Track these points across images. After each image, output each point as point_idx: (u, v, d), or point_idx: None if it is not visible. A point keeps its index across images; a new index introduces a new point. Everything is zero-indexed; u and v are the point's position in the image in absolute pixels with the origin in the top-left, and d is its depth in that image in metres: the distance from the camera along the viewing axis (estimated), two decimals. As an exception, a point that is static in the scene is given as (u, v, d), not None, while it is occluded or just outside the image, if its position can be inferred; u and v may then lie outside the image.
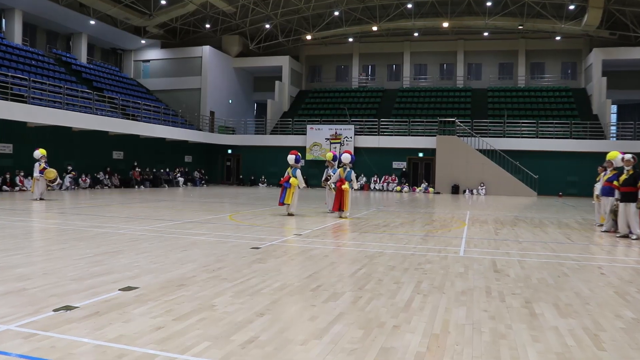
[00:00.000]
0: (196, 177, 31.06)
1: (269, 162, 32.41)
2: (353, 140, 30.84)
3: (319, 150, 31.28)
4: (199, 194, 23.35)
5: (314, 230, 10.17)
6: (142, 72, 36.41)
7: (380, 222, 12.23)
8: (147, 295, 4.90)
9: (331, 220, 12.21)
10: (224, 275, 5.83)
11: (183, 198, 20.29)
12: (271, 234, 9.50)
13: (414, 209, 16.99)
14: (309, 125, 31.96)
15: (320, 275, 6.03)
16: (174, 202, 17.39)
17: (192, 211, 13.89)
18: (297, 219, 12.28)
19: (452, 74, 38.07)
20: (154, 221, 10.98)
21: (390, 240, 9.03)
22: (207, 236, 8.89)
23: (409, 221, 12.73)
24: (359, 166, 30.54)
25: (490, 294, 5.38)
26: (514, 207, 19.12)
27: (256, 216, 12.80)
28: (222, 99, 36.67)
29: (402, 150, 30.48)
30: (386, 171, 30.64)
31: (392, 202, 21.05)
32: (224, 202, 18.87)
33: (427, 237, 9.71)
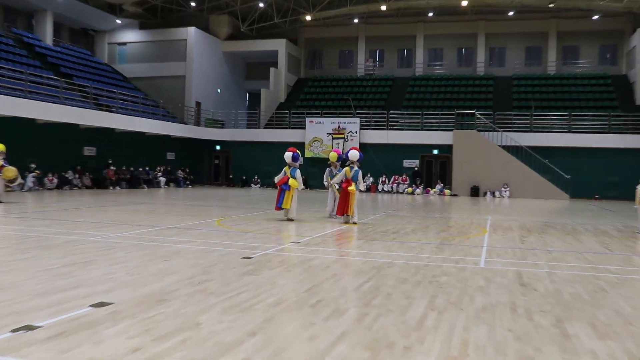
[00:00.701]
0: (180, 177, 31.10)
1: (262, 160, 32.43)
2: (358, 135, 30.86)
3: (320, 147, 31.31)
4: (183, 196, 23.33)
5: (314, 238, 10.15)
6: (118, 57, 36.46)
7: (390, 228, 12.22)
8: (123, 312, 4.88)
9: (334, 226, 12.20)
10: (211, 289, 5.80)
11: (165, 200, 20.25)
12: (265, 242, 9.48)
13: (428, 214, 16.98)
14: (309, 119, 31.99)
15: (321, 288, 6.01)
16: (155, 205, 17.37)
17: (175, 215, 13.87)
18: (295, 225, 12.25)
19: (472, 59, 38.09)
20: (131, 227, 10.97)
21: (401, 249, 9.01)
22: (192, 244, 8.87)
23: (422, 227, 12.72)
24: (365, 165, 30.52)
25: (516, 311, 5.35)
26: (542, 212, 19.09)
27: (248, 221, 12.78)
28: (210, 88, 36.71)
29: (414, 147, 30.50)
30: (396, 170, 30.66)
31: (402, 206, 21.02)
32: (212, 205, 18.84)
33: (442, 245, 9.69)
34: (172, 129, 30.49)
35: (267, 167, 31.90)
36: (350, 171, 12.81)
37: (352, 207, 12.48)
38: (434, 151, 30.52)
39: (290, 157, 12.81)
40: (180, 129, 31.22)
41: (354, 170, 12.84)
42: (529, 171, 28.00)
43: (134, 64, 35.82)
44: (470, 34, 37.72)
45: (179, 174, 31.39)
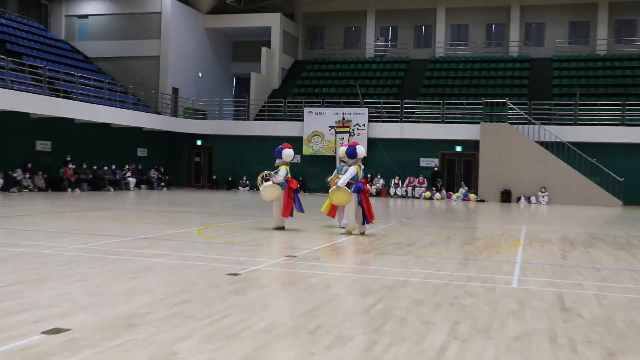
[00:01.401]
0: (153, 178, 31.14)
1: (252, 158, 32.47)
2: (367, 128, 30.91)
3: (321, 143, 31.34)
4: (157, 200, 23.32)
5: (313, 251, 10.15)
6: (78, 32, 36.53)
7: (404, 239, 12.22)
8: (83, 340, 4.86)
9: (337, 237, 12.19)
10: (189, 312, 5.80)
11: (135, 206, 20.23)
12: (255, 256, 9.46)
13: (450, 223, 16.95)
14: (308, 109, 32.04)
15: (322, 311, 6.00)
16: (122, 212, 17.36)
17: (148, 223, 13.86)
18: (290, 236, 12.25)
19: (504, 38, 38.14)
20: (93, 237, 10.96)
21: (417, 265, 9.00)
22: (168, 258, 8.87)
23: (442, 239, 12.70)
24: (375, 164, 30.57)
25: (556, 341, 5.33)
26: (589, 221, 19.08)
27: (235, 231, 12.77)
28: (189, 71, 36.78)
29: (433, 143, 30.53)
30: (411, 171, 30.69)
31: (419, 213, 21.00)
32: (191, 211, 18.82)
33: (467, 260, 9.68)
34: (143, 120, 30.54)
35: (258, 166, 31.74)
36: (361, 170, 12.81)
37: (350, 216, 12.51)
38: (456, 148, 30.53)
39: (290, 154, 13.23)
40: (153, 120, 31.26)
41: (362, 170, 12.86)
42: (573, 172, 28.01)
43: (97, 42, 35.89)
44: (501, 7, 37.77)
45: (152, 174, 31.43)
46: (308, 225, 14.59)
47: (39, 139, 26.31)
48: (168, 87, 34.73)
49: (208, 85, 38.62)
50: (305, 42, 41.19)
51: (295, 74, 39.08)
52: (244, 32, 39.66)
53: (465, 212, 22.34)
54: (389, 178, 30.85)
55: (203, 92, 37.61)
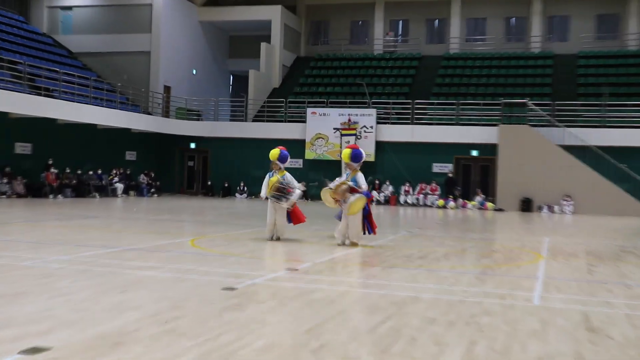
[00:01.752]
0: (142, 183, 31.17)
1: (250, 162, 32.51)
2: (374, 131, 30.93)
3: (325, 146, 31.36)
4: (147, 207, 23.31)
5: (317, 264, 10.14)
6: (61, 25, 36.65)
7: (415, 252, 12.20)
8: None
9: (342, 249, 12.18)
10: (182, 329, 5.79)
11: (123, 214, 20.23)
12: (253, 269, 9.44)
13: (465, 233, 16.93)
14: (311, 109, 32.09)
15: (325, 329, 5.99)
16: (109, 220, 17.36)
17: (137, 233, 13.85)
18: (291, 247, 12.25)
19: (524, 32, 38.19)
20: (77, 248, 10.97)
21: (429, 280, 8.99)
22: (158, 271, 8.87)
23: (456, 251, 12.68)
24: (383, 169, 30.57)
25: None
26: (617, 233, 19.02)
27: (231, 242, 12.77)
28: (183, 68, 36.87)
29: (447, 147, 30.53)
30: (423, 177, 30.68)
31: (431, 223, 20.95)
32: (184, 220, 18.81)
33: (484, 275, 9.66)
34: (133, 120, 30.59)
35: (257, 171, 31.82)
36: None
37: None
38: (472, 152, 30.52)
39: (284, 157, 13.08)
40: (143, 121, 31.32)
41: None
42: (600, 179, 27.95)
43: (82, 36, 36.01)
44: None
45: (142, 179, 31.46)
46: (311, 235, 14.57)
47: (19, 141, 26.38)
48: (159, 85, 34.82)
49: (203, 83, 38.70)
50: (308, 37, 41.28)
51: (297, 71, 39.15)
52: (241, 26, 39.77)
53: (482, 222, 22.28)
54: (398, 185, 30.85)
55: (197, 90, 37.69)
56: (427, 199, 30.07)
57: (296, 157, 31.36)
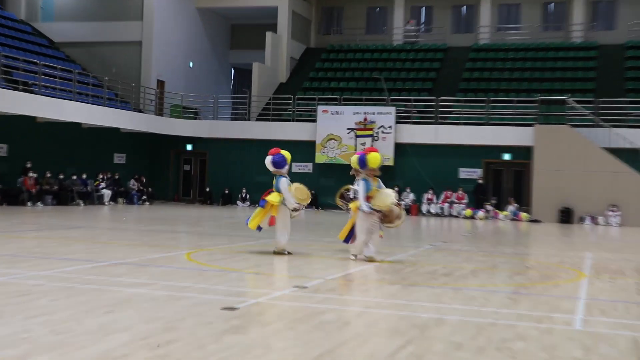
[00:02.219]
0: (132, 190, 31.22)
1: (254, 166, 32.47)
2: (394, 131, 30.88)
3: (338, 148, 31.34)
4: (138, 217, 23.33)
5: (327, 281, 10.11)
6: (42, 12, 36.77)
7: (439, 268, 12.16)
8: (45, 386, 4.85)
9: (355, 264, 12.16)
10: (176, 354, 5.78)
11: (110, 224, 20.25)
12: (257, 286, 9.42)
13: (496, 247, 16.85)
14: (322, 107, 32.09)
15: (338, 355, 5.96)
16: (95, 231, 17.38)
17: (126, 246, 13.86)
18: (299, 262, 12.23)
19: (564, 19, 38.03)
20: (59, 262, 10.98)
21: (455, 300, 8.94)
22: (150, 288, 8.86)
23: (486, 268, 12.63)
24: (403, 175, 30.50)
25: (629, 394, 5.25)
26: (667, 247, 18.88)
27: (232, 256, 12.76)
28: (178, 60, 36.96)
29: (475, 150, 30.43)
30: (448, 183, 30.59)
31: (458, 236, 20.86)
32: (179, 231, 18.81)
33: (517, 295, 9.60)
34: (121, 119, 30.60)
35: (261, 176, 31.80)
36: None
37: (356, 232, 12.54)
38: (504, 156, 30.42)
39: (269, 161, 13.20)
40: (133, 119, 31.35)
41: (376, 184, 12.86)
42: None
43: (65, 23, 36.13)
44: (560, -16, 37.74)
45: (132, 185, 31.52)
46: (321, 249, 14.54)
47: (-6, 142, 26.55)
48: (152, 80, 34.90)
49: (201, 77, 38.78)
50: (319, 25, 41.33)
51: (306, 64, 39.16)
52: (244, 14, 39.85)
53: (515, 235, 22.15)
54: (420, 192, 30.75)
55: (194, 86, 37.77)
56: (453, 209, 29.97)
57: (305, 161, 31.41)
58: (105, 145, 31.46)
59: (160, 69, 35.43)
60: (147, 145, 33.99)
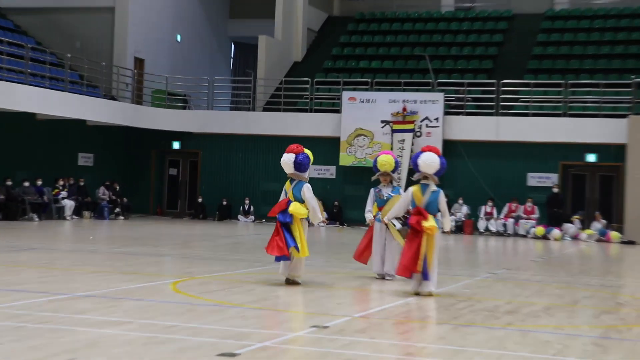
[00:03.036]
0: (102, 200, 31.19)
1: (260, 169, 32.53)
2: (441, 125, 30.76)
3: (368, 146, 31.25)
4: (109, 235, 23.38)
5: (355, 319, 10.08)
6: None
7: (501, 303, 12.10)
8: None
9: (391, 297, 12.12)
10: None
11: (73, 244, 20.27)
12: (263, 326, 9.41)
13: (575, 278, 16.73)
14: (348, 93, 32.04)
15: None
16: (53, 253, 17.40)
17: (93, 273, 13.87)
18: (318, 294, 12.20)
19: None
20: (6, 295, 10.98)
21: (523, 345, 8.89)
22: (124, 327, 8.84)
23: (564, 304, 12.54)
24: (454, 182, 30.33)
25: None
26: None
27: (231, 286, 12.77)
28: (162, 32, 37.00)
29: (549, 149, 30.27)
30: (513, 193, 30.42)
31: (526, 261, 20.72)
32: (163, 254, 18.81)
33: (606, 340, 9.52)
34: (88, 108, 30.56)
35: (269, 183, 31.91)
36: (422, 194, 12.73)
37: (430, 261, 12.41)
38: (587, 157, 30.26)
39: (289, 161, 13.06)
40: (104, 109, 31.33)
41: (429, 193, 12.75)
42: None
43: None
44: None
45: (102, 194, 31.46)
46: (346, 277, 14.50)
47: None
48: (128, 58, 34.91)
49: (191, 55, 38.82)
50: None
51: (328, 38, 39.15)
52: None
53: (603, 261, 22.00)
54: (477, 204, 30.64)
55: (183, 65, 37.80)
56: (520, 226, 29.81)
57: (326, 163, 31.28)
58: (67, 143, 31.46)
59: (138, 44, 35.47)
60: (121, 143, 34.04)
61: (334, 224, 30.76)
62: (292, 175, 13.17)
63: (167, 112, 34.13)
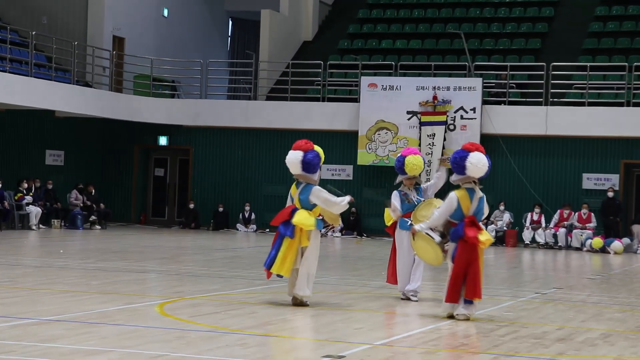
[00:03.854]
0: (75, 207, 31.25)
1: (263, 170, 32.59)
2: (480, 117, 30.77)
3: (393, 143, 31.27)
4: (83, 248, 23.42)
5: (375, 347, 10.12)
6: None
7: (551, 329, 12.11)
8: None
9: (418, 320, 12.12)
10: None
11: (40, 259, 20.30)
12: (265, 355, 9.45)
13: (639, 298, 16.77)
14: (368, 79, 32.08)
15: None
16: (15, 270, 17.44)
17: (63, 293, 13.92)
18: (332, 318, 12.25)
19: None
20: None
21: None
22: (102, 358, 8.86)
23: (626, 330, 12.55)
24: (495, 185, 30.28)
25: None
26: None
27: (228, 307, 12.82)
28: (145, 6, 37.04)
29: (609, 145, 30.28)
30: (566, 198, 30.43)
31: (581, 279, 20.71)
32: (147, 270, 18.87)
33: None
34: (58, 97, 30.57)
35: (274, 186, 31.97)
36: (470, 200, 12.76)
37: (479, 282, 12.43)
38: (656, 155, 30.27)
39: (297, 161, 13.06)
40: (76, 97, 31.36)
41: (477, 200, 12.80)
42: None
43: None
44: None
45: (74, 199, 31.54)
46: (365, 298, 14.53)
47: None
48: (105, 36, 34.98)
49: (181, 33, 38.91)
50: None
51: (344, 13, 39.21)
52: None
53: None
54: (521, 211, 30.66)
55: (171, 46, 37.88)
56: (573, 236, 29.79)
57: (342, 162, 31.36)
58: (33, 138, 31.61)
59: (117, 20, 35.57)
60: (97, 138, 34.18)
61: (351, 234, 30.82)
62: (299, 176, 13.13)
63: (152, 102, 34.24)
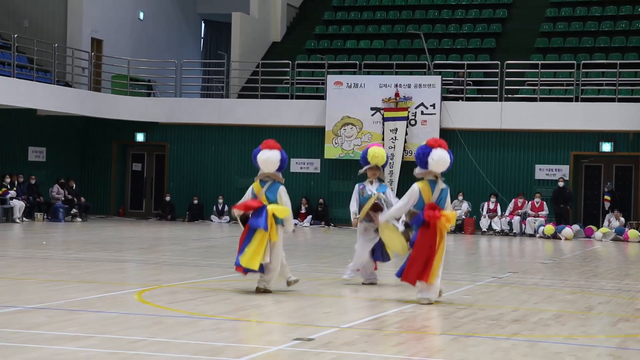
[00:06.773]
0: (57, 200, 31.11)
1: (235, 164, 32.50)
2: (439, 112, 30.78)
3: (358, 138, 31.25)
4: (64, 239, 23.28)
5: (344, 330, 10.12)
6: None
7: (506, 311, 12.15)
8: None
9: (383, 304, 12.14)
10: None
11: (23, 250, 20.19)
12: (240, 339, 9.43)
13: (589, 282, 16.82)
14: (333, 77, 32.03)
15: None
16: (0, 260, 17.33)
17: (46, 283, 13.84)
18: (302, 303, 12.25)
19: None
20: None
21: (531, 357, 8.93)
22: (82, 343, 8.82)
23: (577, 310, 12.60)
24: (454, 176, 30.27)
25: None
26: None
27: (204, 294, 12.78)
28: (123, 9, 36.87)
29: (559, 138, 30.37)
30: (519, 188, 30.49)
31: (533, 264, 20.79)
32: (127, 260, 18.78)
33: (623, 351, 9.55)
34: (39, 96, 30.36)
35: (245, 179, 31.76)
36: (431, 191, 12.78)
37: (437, 266, 12.41)
38: (602, 146, 30.33)
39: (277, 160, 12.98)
40: (57, 97, 31.16)
41: (439, 190, 12.83)
42: None
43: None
44: None
45: (56, 193, 31.37)
46: (333, 284, 14.53)
47: None
48: (84, 38, 34.76)
49: (156, 35, 38.71)
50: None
51: (311, 15, 39.10)
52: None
53: (621, 262, 22.04)
54: (478, 200, 30.72)
55: (147, 47, 37.69)
56: (527, 224, 29.88)
57: (309, 156, 31.27)
58: (16, 136, 31.42)
59: (95, 22, 35.35)
60: (77, 135, 33.98)
61: (319, 224, 30.81)
62: (269, 175, 12.97)
63: (129, 100, 34.08)
